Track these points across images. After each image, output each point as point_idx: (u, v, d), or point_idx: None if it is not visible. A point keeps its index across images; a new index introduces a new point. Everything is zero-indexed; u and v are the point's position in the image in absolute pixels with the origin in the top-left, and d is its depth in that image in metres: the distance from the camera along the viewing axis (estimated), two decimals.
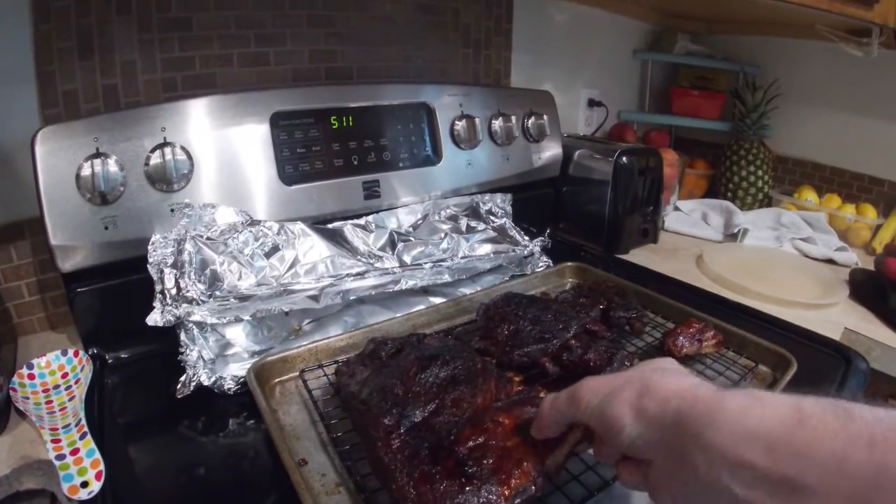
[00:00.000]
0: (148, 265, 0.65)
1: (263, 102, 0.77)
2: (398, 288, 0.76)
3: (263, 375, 0.62)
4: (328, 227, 0.78)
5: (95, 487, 0.50)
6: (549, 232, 0.95)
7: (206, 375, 0.62)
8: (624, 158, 1.05)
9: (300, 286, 0.69)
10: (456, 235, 0.86)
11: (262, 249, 0.70)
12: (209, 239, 0.68)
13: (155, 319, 0.62)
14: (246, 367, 0.62)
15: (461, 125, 0.94)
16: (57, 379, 0.64)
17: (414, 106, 0.91)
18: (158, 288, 0.64)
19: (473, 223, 0.91)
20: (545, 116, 1.06)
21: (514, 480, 0.43)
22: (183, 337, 0.64)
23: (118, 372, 0.69)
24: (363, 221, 0.82)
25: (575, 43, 1.34)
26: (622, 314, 0.73)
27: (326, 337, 0.68)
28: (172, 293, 0.63)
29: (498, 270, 0.91)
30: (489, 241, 0.89)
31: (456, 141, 0.94)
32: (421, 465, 0.44)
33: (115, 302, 0.69)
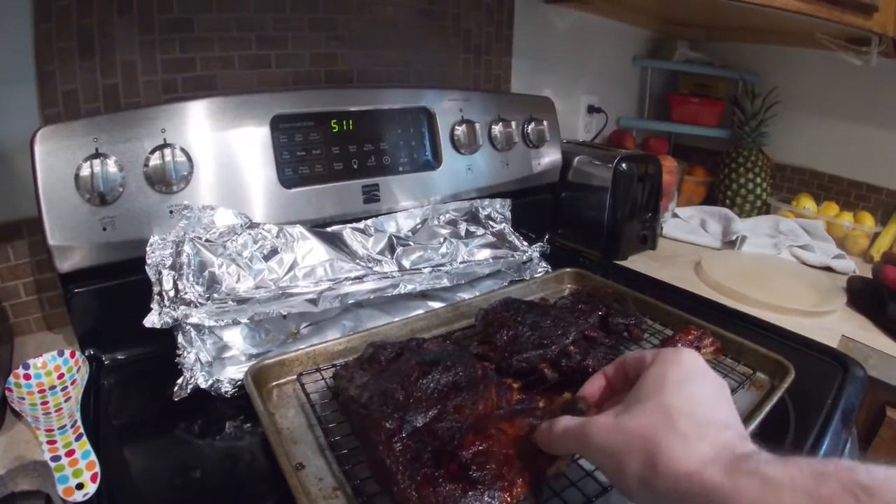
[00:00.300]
0: (146, 266, 0.65)
1: (264, 105, 0.77)
2: (397, 292, 0.76)
3: (261, 378, 0.62)
4: (327, 230, 0.78)
5: (91, 489, 0.49)
6: (547, 237, 0.95)
7: (203, 378, 0.62)
8: (623, 165, 1.06)
9: (298, 289, 0.69)
10: (455, 240, 0.86)
11: (260, 252, 0.70)
12: (208, 241, 0.68)
13: (152, 321, 0.62)
14: (243, 370, 0.62)
15: (461, 130, 0.94)
16: (53, 380, 0.64)
17: (414, 110, 0.91)
18: (156, 289, 0.64)
19: (473, 228, 0.91)
20: (545, 122, 1.06)
21: (516, 489, 0.43)
22: (180, 339, 0.64)
23: (114, 373, 0.69)
24: (362, 225, 0.82)
25: (575, 49, 1.35)
26: (621, 320, 0.73)
27: (324, 340, 0.68)
28: (170, 295, 0.63)
29: (497, 275, 0.91)
30: (488, 246, 0.89)
31: (456, 146, 0.94)
32: (423, 468, 0.44)
33: (112, 303, 0.69)
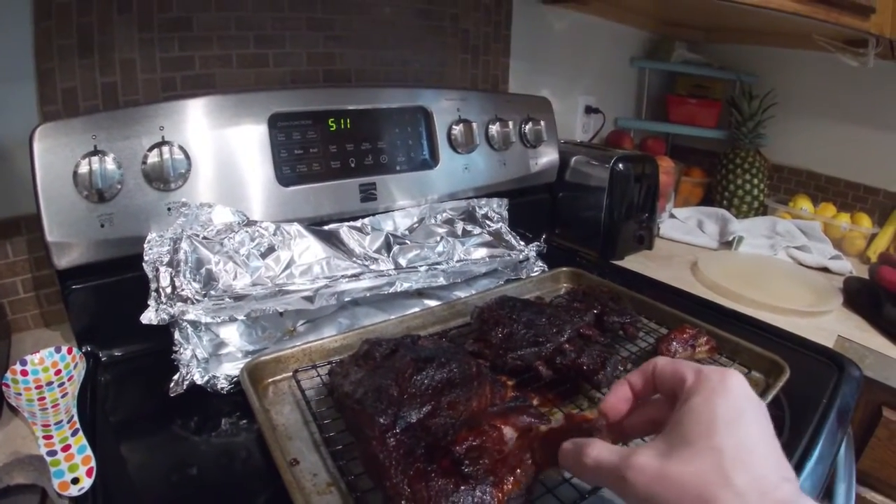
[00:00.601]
0: (143, 263, 0.65)
1: (262, 103, 0.77)
2: (393, 290, 0.76)
3: (257, 375, 0.62)
4: (324, 228, 0.79)
5: (86, 484, 0.49)
6: (544, 237, 0.95)
7: (199, 374, 0.62)
8: (620, 165, 1.06)
9: (295, 287, 0.69)
10: (452, 239, 0.86)
11: (257, 250, 0.70)
12: (205, 238, 0.68)
13: (149, 318, 0.62)
14: (239, 366, 0.62)
15: (458, 129, 0.94)
16: (50, 376, 0.64)
17: (411, 110, 0.92)
18: (153, 286, 0.64)
19: (469, 227, 0.91)
20: (542, 122, 1.06)
21: (506, 486, 0.43)
22: (177, 336, 0.64)
23: (111, 370, 0.69)
24: (359, 224, 0.82)
25: (573, 50, 1.35)
26: (616, 319, 0.73)
27: (320, 338, 0.68)
28: (167, 292, 0.63)
29: (493, 274, 0.91)
30: (485, 245, 0.89)
31: (453, 145, 0.95)
32: (416, 463, 0.44)
33: (109, 300, 0.69)
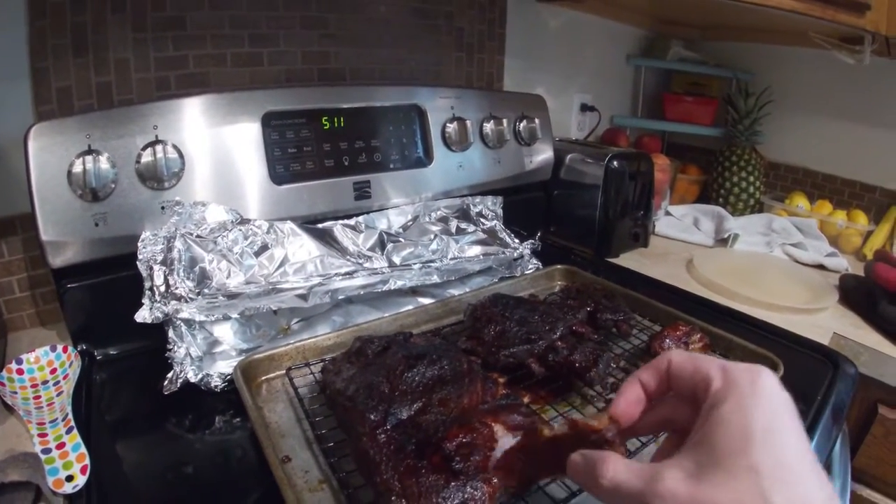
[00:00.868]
0: (137, 262, 0.65)
1: (255, 102, 0.77)
2: (387, 288, 0.76)
3: (250, 373, 0.62)
4: (318, 226, 0.79)
5: (80, 481, 0.50)
6: (539, 235, 0.95)
7: (193, 372, 0.63)
8: (615, 162, 1.06)
9: (289, 285, 0.69)
10: (446, 237, 0.86)
11: (251, 248, 0.71)
12: (199, 237, 0.68)
13: (144, 316, 0.62)
14: (233, 364, 0.62)
15: (452, 127, 0.94)
16: (45, 374, 0.65)
17: (405, 108, 0.92)
18: (147, 285, 0.64)
19: (464, 225, 0.92)
20: (537, 120, 1.06)
21: (496, 481, 0.43)
22: (171, 334, 0.64)
23: (106, 368, 0.69)
24: (353, 222, 0.82)
25: (568, 48, 1.35)
26: (609, 316, 0.73)
27: (314, 336, 0.68)
28: (161, 290, 0.64)
29: (487, 272, 0.91)
30: (479, 242, 0.89)
31: (447, 143, 0.95)
32: (406, 459, 0.44)
33: (104, 298, 0.70)
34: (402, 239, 0.83)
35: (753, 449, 0.28)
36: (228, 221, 0.71)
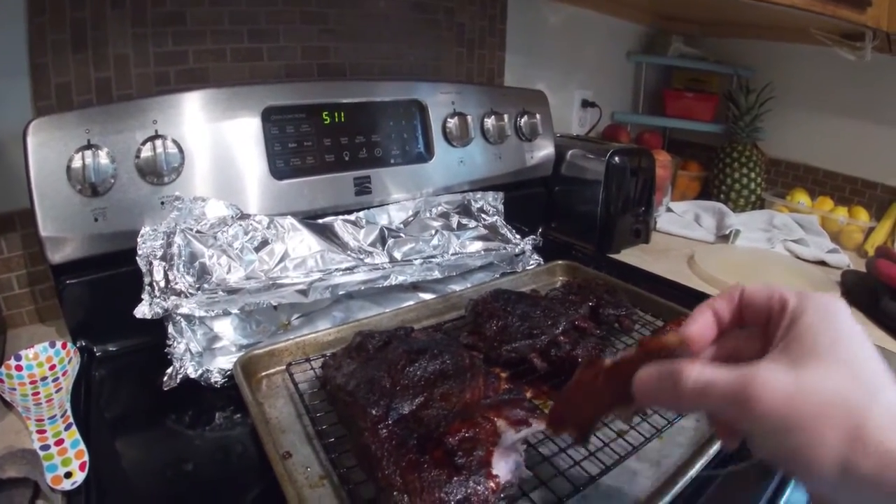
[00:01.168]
0: (137, 257, 0.65)
1: (255, 97, 0.77)
2: (388, 283, 0.76)
3: (250, 368, 0.62)
4: (318, 222, 0.78)
5: (79, 478, 0.49)
6: (540, 231, 0.95)
7: (192, 368, 0.62)
8: (616, 158, 1.06)
9: (289, 280, 0.69)
10: (447, 232, 0.86)
11: (251, 243, 0.70)
12: (199, 232, 0.68)
13: (143, 312, 0.62)
14: (233, 360, 0.62)
15: (453, 123, 0.94)
16: (44, 371, 0.64)
17: (406, 103, 0.91)
18: (147, 280, 0.64)
19: (465, 221, 0.91)
20: (538, 116, 1.06)
21: (499, 478, 0.43)
22: (171, 329, 0.64)
23: (105, 364, 0.69)
24: (354, 217, 0.82)
25: (569, 44, 1.35)
26: (611, 311, 0.73)
27: (314, 331, 0.68)
28: (161, 286, 0.63)
29: (488, 268, 0.91)
30: (480, 238, 0.89)
31: (448, 138, 0.94)
32: (408, 454, 0.44)
33: (103, 294, 0.69)
34: (402, 234, 0.83)
35: (844, 347, 0.29)
36: (228, 216, 0.71)
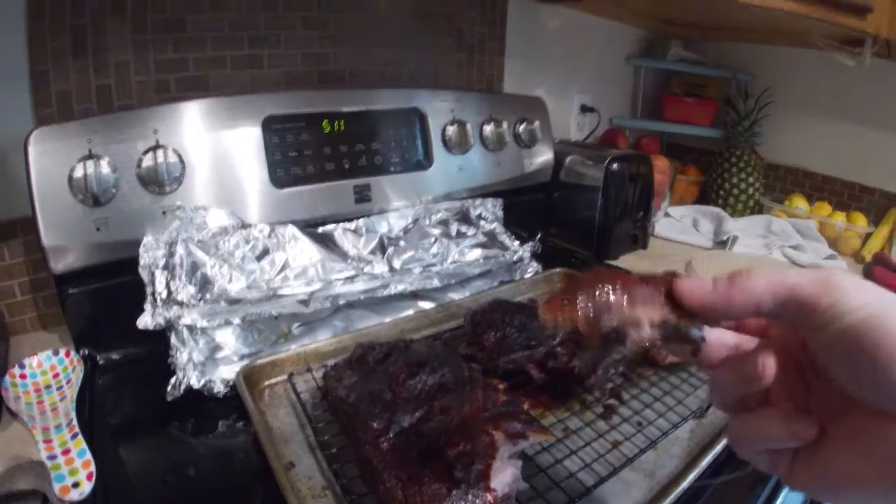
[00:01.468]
0: (139, 268, 0.66)
1: (256, 106, 0.77)
2: (387, 293, 0.77)
3: (252, 378, 0.63)
4: (318, 230, 0.79)
5: (86, 488, 0.50)
6: (539, 237, 0.96)
7: (195, 378, 0.63)
8: (615, 165, 1.06)
9: (290, 290, 0.70)
10: (446, 240, 0.87)
11: (252, 252, 0.71)
12: (200, 242, 0.68)
13: (146, 322, 0.63)
14: (236, 370, 0.63)
15: (452, 130, 0.94)
16: (49, 379, 0.65)
17: (405, 111, 0.92)
18: (149, 290, 0.65)
19: (464, 228, 0.92)
20: (536, 122, 1.06)
21: (497, 492, 0.44)
22: (173, 339, 0.64)
23: (109, 373, 0.69)
24: (353, 225, 0.83)
25: (568, 49, 1.35)
26: None
27: (315, 341, 0.69)
28: (163, 296, 0.64)
29: (487, 276, 0.91)
30: (479, 245, 0.90)
31: (447, 146, 0.95)
32: (409, 467, 0.45)
33: (106, 303, 0.70)
34: (402, 242, 0.83)
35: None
36: (229, 226, 0.71)
